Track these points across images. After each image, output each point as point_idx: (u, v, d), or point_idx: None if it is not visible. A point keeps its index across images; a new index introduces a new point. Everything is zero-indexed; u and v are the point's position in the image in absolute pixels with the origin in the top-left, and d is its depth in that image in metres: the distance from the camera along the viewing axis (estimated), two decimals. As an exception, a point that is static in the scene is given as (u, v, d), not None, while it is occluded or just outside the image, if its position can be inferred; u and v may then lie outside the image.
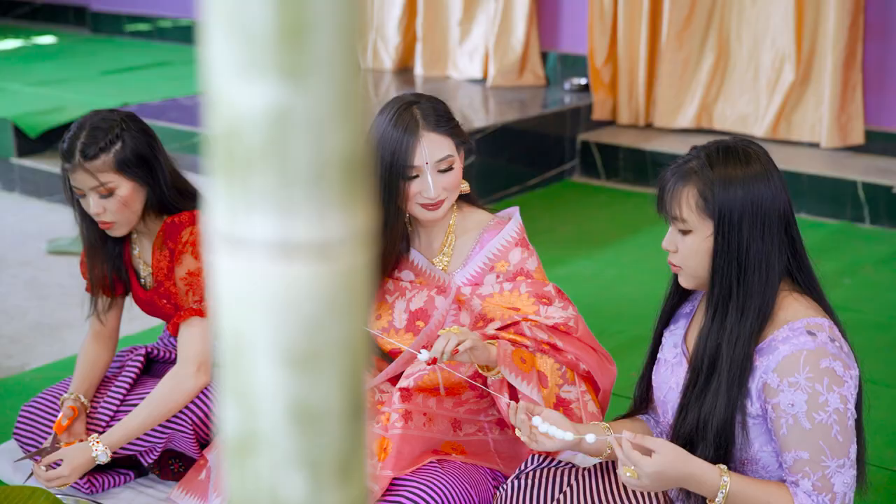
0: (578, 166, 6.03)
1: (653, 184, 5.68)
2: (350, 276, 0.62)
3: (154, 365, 3.02)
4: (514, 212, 2.67)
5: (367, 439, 0.66)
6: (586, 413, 2.52)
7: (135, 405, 2.79)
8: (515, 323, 2.54)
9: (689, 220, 2.09)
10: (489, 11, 6.57)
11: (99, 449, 2.64)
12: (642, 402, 2.39)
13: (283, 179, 0.60)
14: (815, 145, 5.69)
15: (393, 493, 2.39)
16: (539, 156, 5.86)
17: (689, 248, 2.12)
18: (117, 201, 2.66)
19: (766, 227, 2.07)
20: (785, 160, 5.46)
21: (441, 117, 2.49)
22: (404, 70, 7.06)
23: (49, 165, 5.61)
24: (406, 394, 2.47)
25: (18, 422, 2.89)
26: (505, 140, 5.61)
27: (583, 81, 6.31)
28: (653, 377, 2.33)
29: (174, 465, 2.87)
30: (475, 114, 6.01)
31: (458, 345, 2.27)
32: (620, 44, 6.11)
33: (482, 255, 2.58)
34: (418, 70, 6.91)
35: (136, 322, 3.70)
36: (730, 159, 2.08)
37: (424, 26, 6.82)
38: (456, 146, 2.52)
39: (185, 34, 8.35)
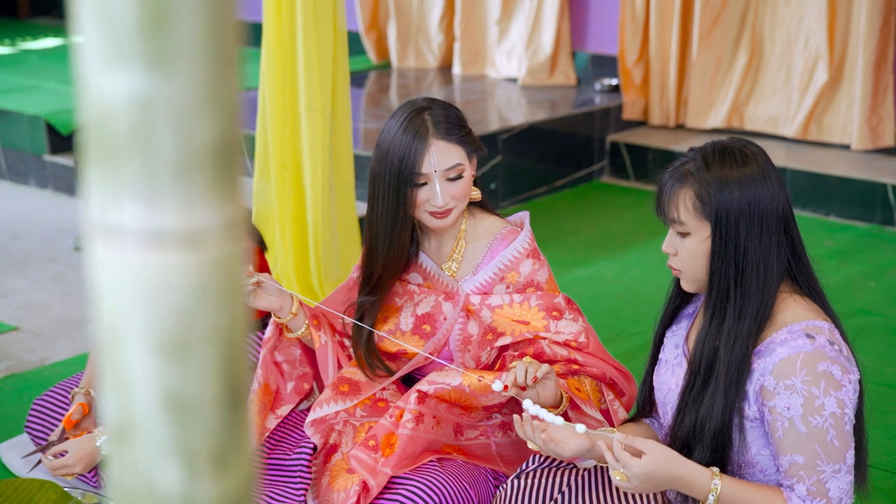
0: (608, 167, 6.00)
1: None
2: (220, 266, 0.62)
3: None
4: (525, 218, 2.64)
5: (248, 429, 0.66)
6: (617, 419, 2.51)
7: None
8: (531, 341, 2.53)
9: (686, 223, 2.07)
10: (525, 11, 6.57)
11: (103, 439, 2.66)
12: (645, 405, 2.37)
13: (149, 169, 0.60)
14: (846, 147, 5.62)
15: (391, 490, 2.39)
16: (568, 156, 5.83)
17: (687, 250, 2.10)
18: None
19: (763, 228, 2.05)
20: (815, 162, 5.41)
21: (452, 125, 2.45)
22: (447, 68, 7.08)
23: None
24: (422, 396, 2.47)
25: (30, 415, 2.92)
26: (533, 140, 5.59)
27: (613, 82, 6.28)
28: (654, 378, 2.31)
29: (182, 459, 2.89)
30: (504, 113, 6.00)
31: (536, 371, 2.26)
32: (652, 44, 6.07)
33: (493, 264, 2.54)
34: (456, 69, 6.92)
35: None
36: (726, 160, 2.06)
37: (462, 25, 6.83)
38: (468, 154, 2.48)
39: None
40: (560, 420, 2.14)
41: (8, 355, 3.78)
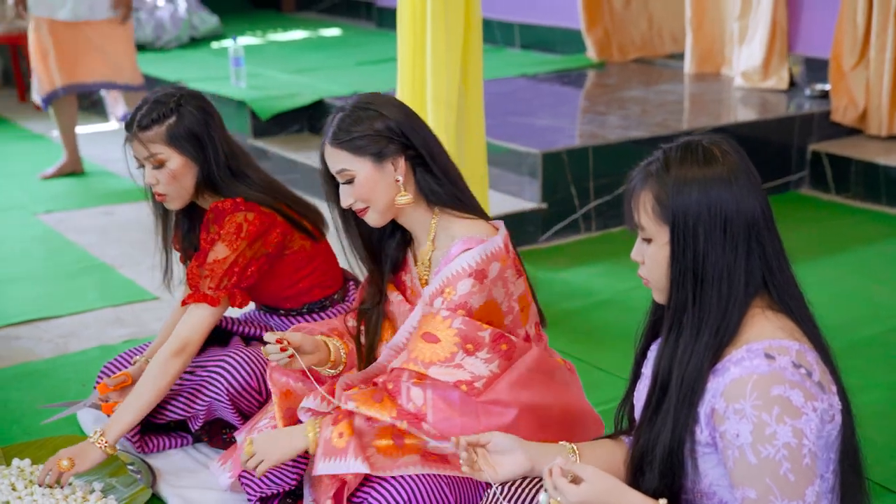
0: (807, 177, 5.61)
1: (884, 202, 5.20)
2: None
3: (230, 337, 3.08)
4: (499, 228, 2.43)
5: None
6: None
7: (191, 371, 2.86)
8: (400, 371, 2.39)
9: (647, 227, 1.91)
10: (755, 9, 6.27)
11: (102, 443, 2.66)
12: (622, 422, 2.19)
13: None
14: None
15: (369, 482, 2.33)
16: (760, 164, 5.48)
17: (651, 258, 1.93)
18: (167, 174, 2.76)
19: (728, 236, 1.85)
20: None
21: (342, 131, 2.36)
22: (678, 65, 6.96)
23: (277, 147, 5.89)
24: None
25: (98, 377, 3.05)
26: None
27: (826, 87, 5.87)
28: (635, 395, 2.14)
29: (227, 434, 2.93)
30: (694, 116, 5.74)
31: None
32: (872, 50, 5.62)
33: (440, 276, 2.37)
34: (687, 67, 6.76)
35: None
36: (687, 159, 1.88)
37: (695, 22, 6.64)
38: (370, 158, 2.35)
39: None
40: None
41: (138, 322, 3.98)
